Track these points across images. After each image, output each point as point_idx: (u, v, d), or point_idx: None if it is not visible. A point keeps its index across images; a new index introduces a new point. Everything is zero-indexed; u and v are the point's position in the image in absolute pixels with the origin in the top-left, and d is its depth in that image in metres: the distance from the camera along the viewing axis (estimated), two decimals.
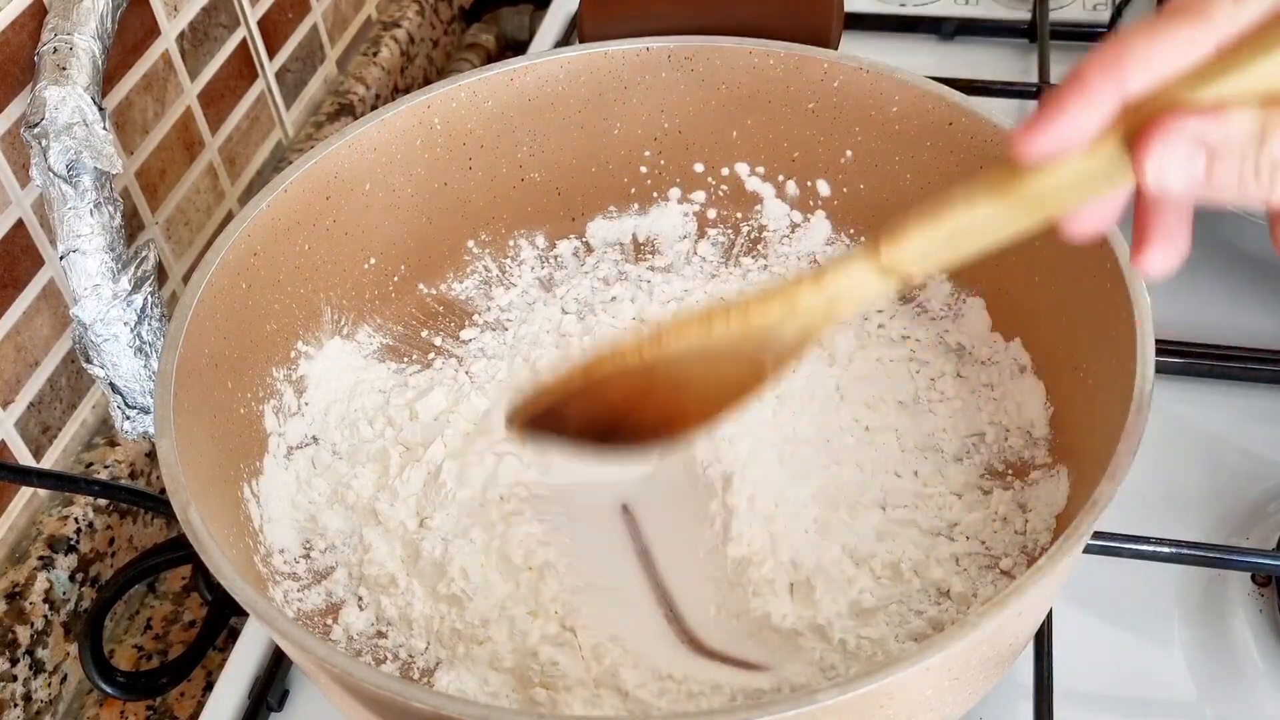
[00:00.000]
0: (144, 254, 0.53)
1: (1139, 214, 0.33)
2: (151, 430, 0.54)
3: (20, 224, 0.57)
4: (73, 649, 0.58)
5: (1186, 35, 0.29)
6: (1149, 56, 0.29)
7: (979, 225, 0.33)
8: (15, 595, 0.55)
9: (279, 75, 0.79)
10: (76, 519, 0.59)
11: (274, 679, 0.54)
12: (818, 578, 0.50)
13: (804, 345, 0.37)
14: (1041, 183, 0.31)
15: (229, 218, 0.73)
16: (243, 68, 0.75)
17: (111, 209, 0.51)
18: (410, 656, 0.49)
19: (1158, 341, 0.43)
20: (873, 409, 0.56)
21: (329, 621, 0.50)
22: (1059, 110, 0.30)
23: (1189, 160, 0.29)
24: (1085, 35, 0.85)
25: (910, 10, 0.89)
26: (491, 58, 1.00)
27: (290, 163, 0.57)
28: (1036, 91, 0.77)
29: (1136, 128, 0.29)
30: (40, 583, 0.56)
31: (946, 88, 0.56)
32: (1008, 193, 0.32)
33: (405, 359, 0.61)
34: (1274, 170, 0.29)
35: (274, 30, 0.78)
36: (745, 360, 0.37)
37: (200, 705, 0.55)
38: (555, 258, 0.65)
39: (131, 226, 0.65)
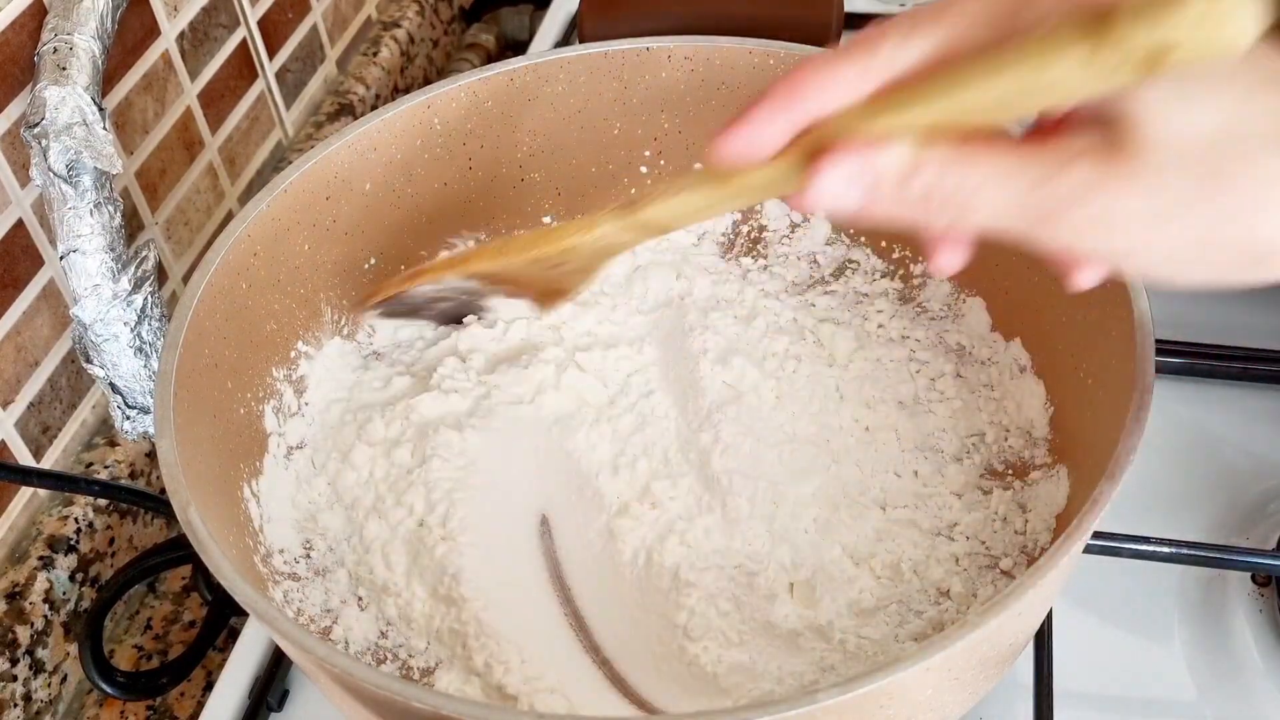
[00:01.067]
0: (144, 254, 0.53)
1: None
2: (151, 430, 0.54)
3: (20, 224, 0.57)
4: (73, 649, 0.58)
5: (857, 69, 0.32)
6: (822, 86, 0.33)
7: (697, 205, 0.39)
8: (15, 595, 0.55)
9: (279, 75, 0.79)
10: (76, 519, 0.59)
11: (274, 679, 0.54)
12: (818, 577, 0.50)
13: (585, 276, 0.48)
14: (737, 179, 0.36)
15: (229, 218, 0.73)
16: (243, 68, 0.75)
17: (111, 209, 0.51)
18: (410, 656, 0.49)
19: (1158, 341, 0.43)
20: (873, 409, 0.56)
21: (329, 622, 0.50)
22: (745, 122, 0.34)
23: (847, 188, 0.32)
24: None
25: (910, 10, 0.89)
26: (491, 58, 1.00)
27: (290, 163, 0.57)
28: None
29: (813, 149, 0.33)
30: (40, 583, 0.56)
31: None
32: (715, 183, 0.38)
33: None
34: (923, 201, 0.32)
35: (274, 30, 0.78)
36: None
37: (200, 705, 0.55)
38: None
39: (131, 226, 0.65)
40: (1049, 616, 0.50)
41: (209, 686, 0.56)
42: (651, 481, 0.54)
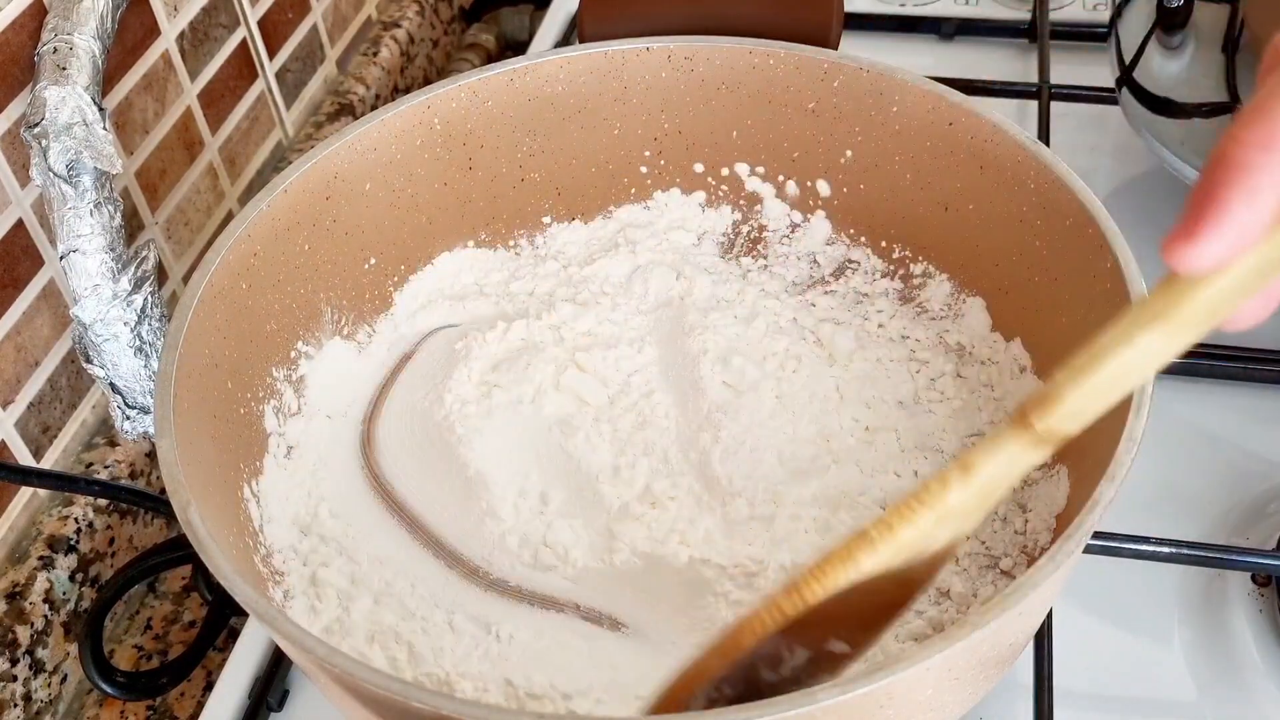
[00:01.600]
0: (144, 254, 0.53)
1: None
2: (151, 430, 0.54)
3: (20, 224, 0.57)
4: (73, 649, 0.58)
5: None
6: None
7: (1139, 360, 0.29)
8: (15, 595, 0.55)
9: (279, 75, 0.79)
10: (76, 519, 0.59)
11: (274, 679, 0.54)
12: None
13: (957, 544, 0.34)
14: (1207, 291, 0.27)
15: (229, 218, 0.73)
16: (243, 68, 0.75)
17: (111, 209, 0.51)
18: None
19: None
20: (873, 409, 0.56)
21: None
22: (1221, 207, 0.25)
23: None
24: (1085, 35, 0.85)
25: (910, 10, 0.89)
26: (491, 58, 1.00)
27: (290, 163, 0.57)
28: (1036, 92, 0.77)
29: None
30: (40, 583, 0.56)
31: (946, 88, 0.56)
32: (1168, 314, 0.28)
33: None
34: None
35: (274, 30, 0.78)
36: (894, 579, 0.34)
37: (200, 705, 0.55)
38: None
39: (131, 226, 0.65)
40: (1049, 616, 0.50)
41: (209, 686, 0.56)
42: (652, 481, 0.54)
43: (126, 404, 0.54)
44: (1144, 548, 0.51)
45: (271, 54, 0.78)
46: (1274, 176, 0.25)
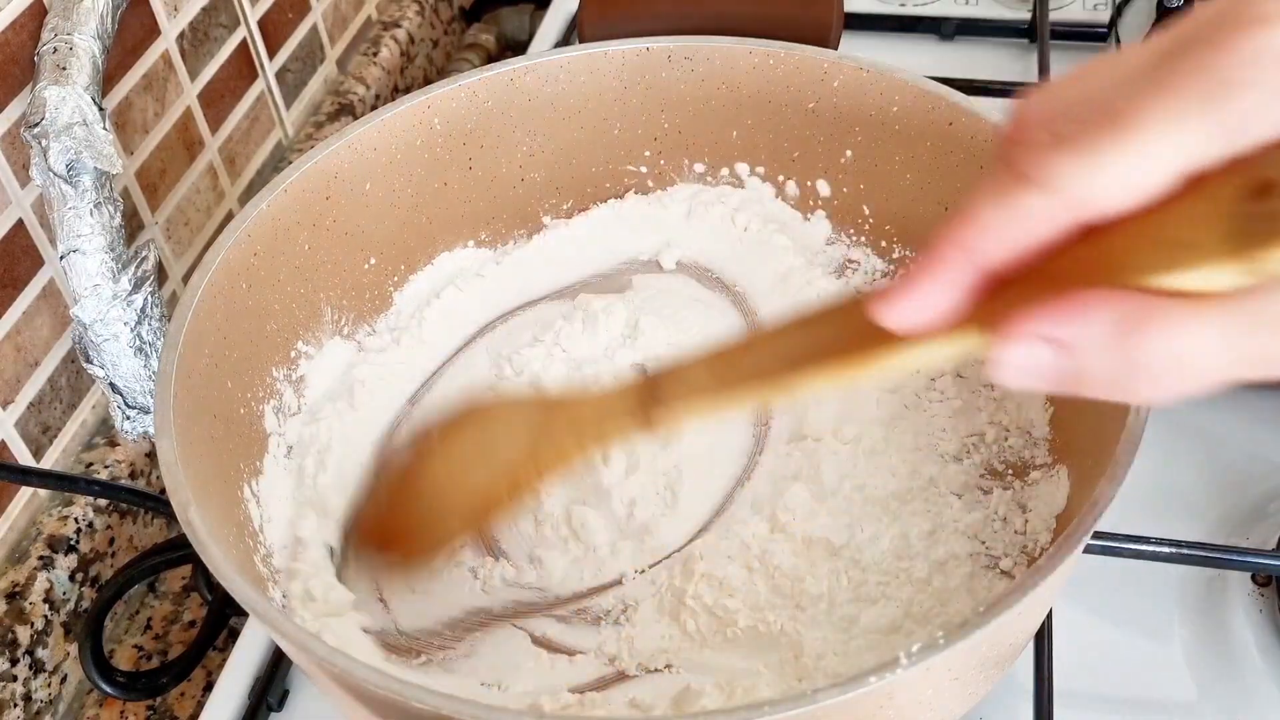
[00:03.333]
0: (144, 254, 0.53)
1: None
2: (151, 430, 0.54)
3: (20, 224, 0.57)
4: (73, 649, 0.58)
5: (1037, 205, 0.26)
6: (1002, 229, 0.27)
7: (823, 382, 0.32)
8: (15, 595, 0.55)
9: (279, 75, 0.79)
10: (76, 519, 0.59)
11: (274, 679, 0.54)
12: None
13: (559, 463, 0.38)
14: (895, 350, 0.30)
15: (229, 218, 0.73)
16: (243, 68, 0.75)
17: (111, 209, 0.51)
18: None
19: None
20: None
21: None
22: (911, 283, 0.29)
23: (1041, 362, 0.27)
24: (1085, 35, 0.85)
25: (910, 10, 0.89)
26: (491, 58, 1.00)
27: (290, 163, 0.57)
28: None
29: (997, 311, 0.27)
30: (40, 583, 0.56)
31: (946, 88, 0.56)
32: (852, 359, 0.30)
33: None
34: (1135, 375, 0.26)
35: (274, 30, 0.78)
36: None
37: (200, 705, 0.55)
38: None
39: (131, 226, 0.65)
40: (1049, 616, 0.50)
41: (209, 686, 0.56)
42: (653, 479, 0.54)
43: (126, 404, 0.54)
44: (1144, 548, 0.51)
45: (271, 54, 0.78)
46: (959, 267, 0.28)
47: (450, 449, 0.41)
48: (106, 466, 0.61)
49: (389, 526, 0.43)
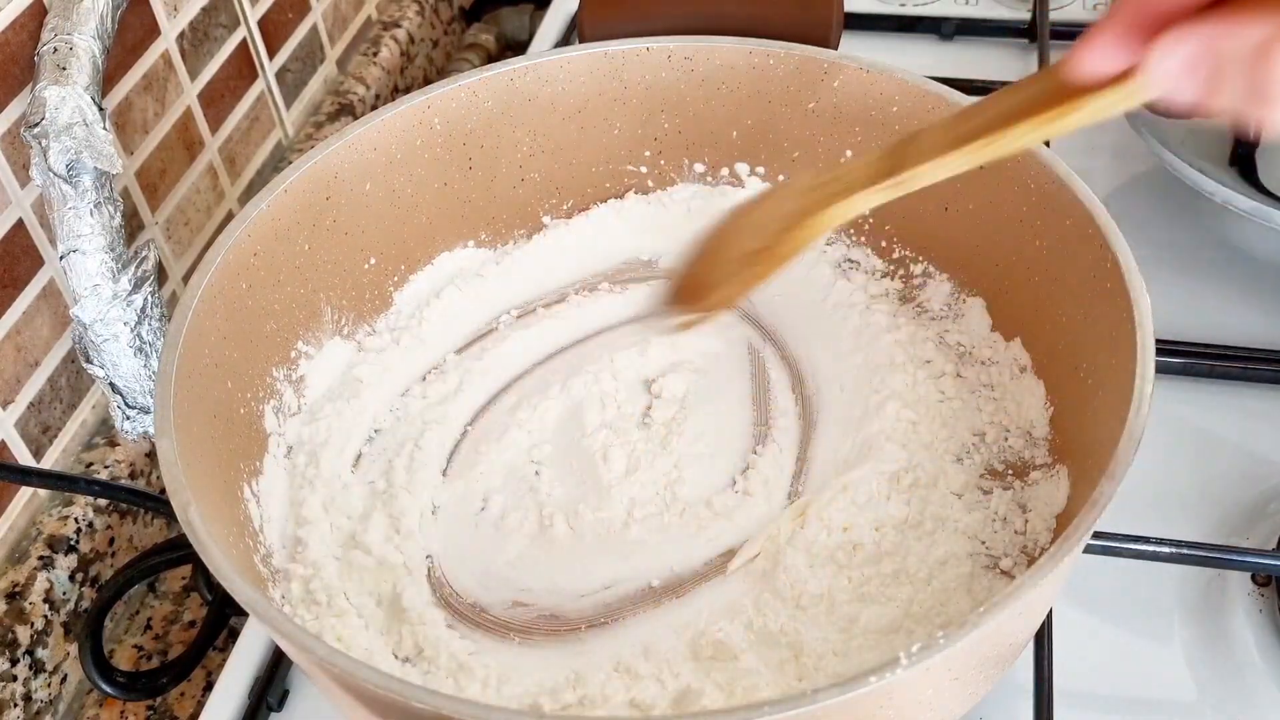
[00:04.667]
0: (144, 254, 0.53)
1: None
2: (151, 430, 0.54)
3: (20, 224, 0.57)
4: (73, 649, 0.58)
5: None
6: None
7: (1017, 138, 0.36)
8: (15, 595, 0.55)
9: (279, 75, 0.79)
10: (76, 519, 0.59)
11: (274, 679, 0.54)
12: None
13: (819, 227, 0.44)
14: (1084, 99, 0.33)
15: (229, 218, 0.73)
16: (243, 68, 0.75)
17: (111, 209, 0.51)
18: None
19: (1158, 341, 0.43)
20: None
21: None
22: (1097, 33, 0.31)
23: (1191, 69, 0.29)
24: None
25: (910, 10, 0.89)
26: (491, 58, 1.00)
27: (290, 163, 0.57)
28: None
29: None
30: (40, 583, 0.56)
31: (946, 88, 0.56)
32: (1048, 106, 0.34)
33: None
34: (1262, 96, 0.28)
35: (274, 30, 0.78)
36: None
37: (200, 705, 0.55)
38: None
39: (131, 226, 0.65)
40: (1049, 616, 0.50)
41: (209, 686, 0.56)
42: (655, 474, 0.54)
43: (126, 404, 0.54)
44: (1144, 548, 0.51)
45: (271, 54, 0.78)
46: (1138, 20, 0.30)
47: (741, 216, 0.48)
48: (106, 466, 0.61)
49: (689, 281, 0.49)
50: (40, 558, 0.57)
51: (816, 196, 0.43)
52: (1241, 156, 0.69)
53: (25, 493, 0.58)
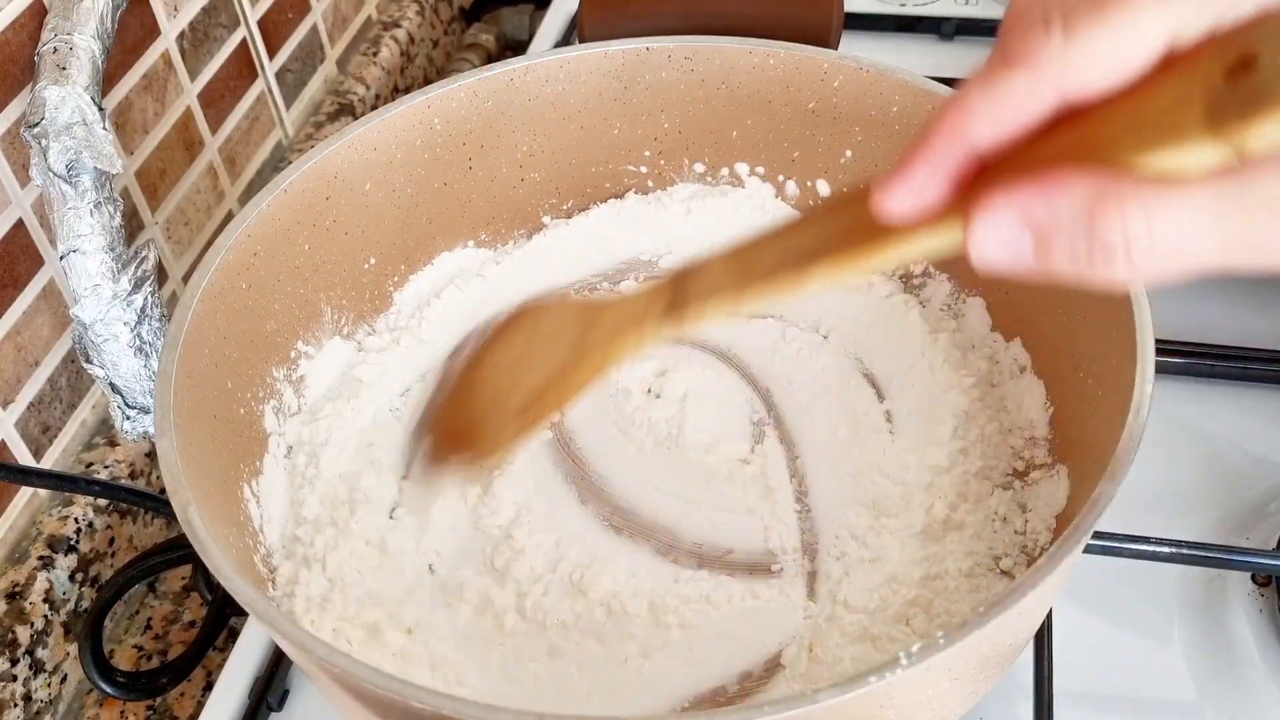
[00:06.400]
0: (144, 254, 0.53)
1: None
2: (151, 430, 0.54)
3: (20, 224, 0.57)
4: (73, 649, 0.58)
5: (1023, 87, 0.27)
6: (990, 112, 0.28)
7: (823, 277, 0.32)
8: (15, 595, 0.55)
9: (279, 75, 0.79)
10: (76, 519, 0.59)
11: (274, 679, 0.54)
12: (819, 573, 0.50)
13: (604, 363, 0.39)
14: (890, 240, 0.30)
15: (229, 218, 0.73)
16: (243, 68, 0.75)
17: (111, 209, 0.51)
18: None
19: (1158, 341, 0.43)
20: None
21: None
22: (904, 170, 0.29)
23: (1013, 239, 0.27)
24: None
25: (910, 10, 0.89)
26: (491, 58, 1.00)
27: (290, 163, 0.57)
28: None
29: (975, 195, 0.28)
30: (40, 583, 0.56)
31: (946, 88, 0.56)
32: (854, 248, 0.31)
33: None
34: (1105, 254, 0.26)
35: (274, 30, 0.78)
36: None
37: (200, 705, 0.55)
38: None
39: (131, 226, 0.65)
40: (1049, 616, 0.50)
41: (209, 686, 0.56)
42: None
43: (126, 404, 0.54)
44: (1144, 548, 0.51)
45: (271, 54, 0.78)
46: (952, 152, 0.28)
47: (506, 348, 0.43)
48: (106, 466, 0.61)
49: (453, 425, 0.45)
50: (40, 558, 0.57)
51: (597, 333, 0.40)
52: None
53: (25, 493, 0.58)
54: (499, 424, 0.42)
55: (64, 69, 0.51)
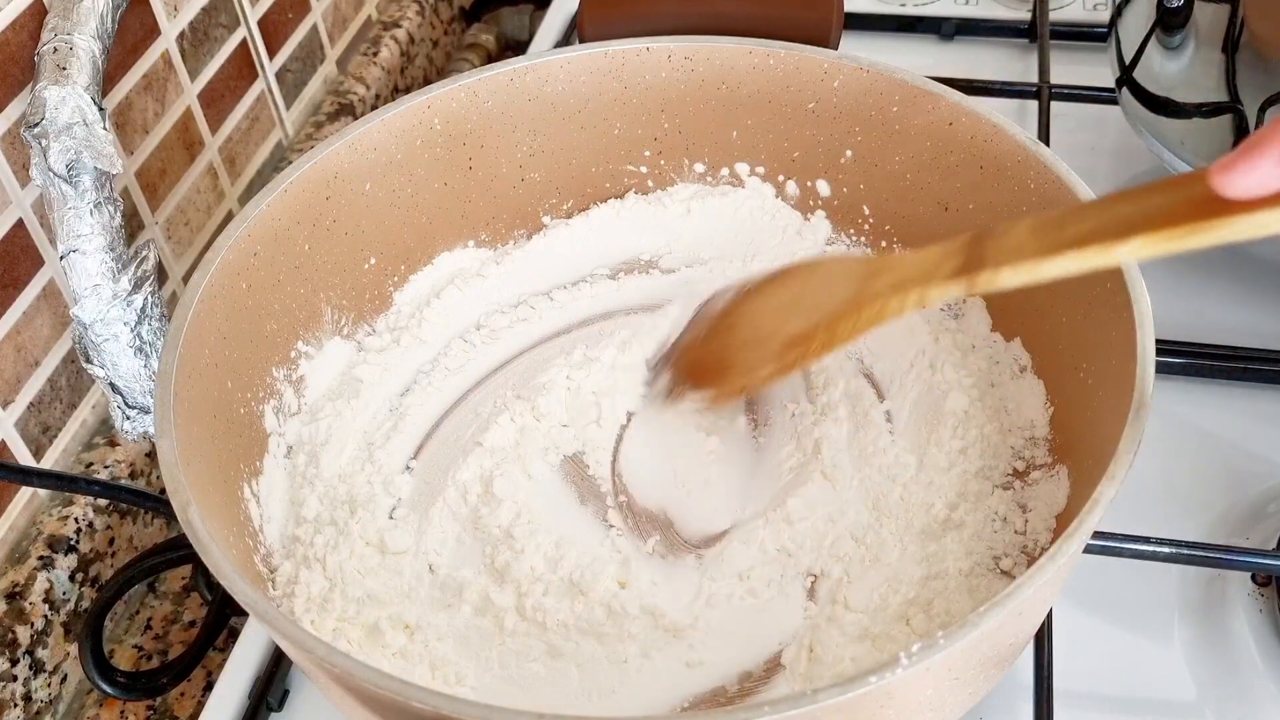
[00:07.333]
0: (144, 254, 0.53)
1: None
2: (151, 430, 0.54)
3: (20, 224, 0.57)
4: (73, 649, 0.58)
5: None
6: None
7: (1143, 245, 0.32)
8: (15, 595, 0.55)
9: (279, 75, 0.79)
10: (76, 519, 0.59)
11: (274, 679, 0.54)
12: (819, 573, 0.50)
13: (879, 317, 0.39)
14: (1225, 218, 0.30)
15: (229, 218, 0.73)
16: (243, 68, 0.75)
17: (111, 209, 0.51)
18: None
19: (1158, 341, 0.43)
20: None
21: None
22: (1253, 153, 0.30)
23: None
24: (1085, 35, 0.85)
25: (910, 10, 0.89)
26: (491, 58, 1.00)
27: (290, 163, 0.57)
28: (1036, 92, 0.77)
29: None
30: (40, 583, 0.56)
31: (946, 88, 0.56)
32: (1185, 219, 0.31)
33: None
34: None
35: (274, 30, 0.78)
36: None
37: (200, 705, 0.55)
38: None
39: (131, 226, 0.65)
40: (1049, 616, 0.50)
41: (209, 686, 0.56)
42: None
43: (126, 404, 0.54)
44: (1144, 548, 0.51)
45: (271, 54, 0.78)
46: None
47: (772, 293, 0.43)
48: (106, 466, 0.61)
49: (701, 361, 0.45)
50: (40, 558, 0.57)
51: (879, 284, 0.39)
52: None
53: (25, 493, 0.58)
54: (756, 362, 0.42)
55: (64, 69, 0.51)
